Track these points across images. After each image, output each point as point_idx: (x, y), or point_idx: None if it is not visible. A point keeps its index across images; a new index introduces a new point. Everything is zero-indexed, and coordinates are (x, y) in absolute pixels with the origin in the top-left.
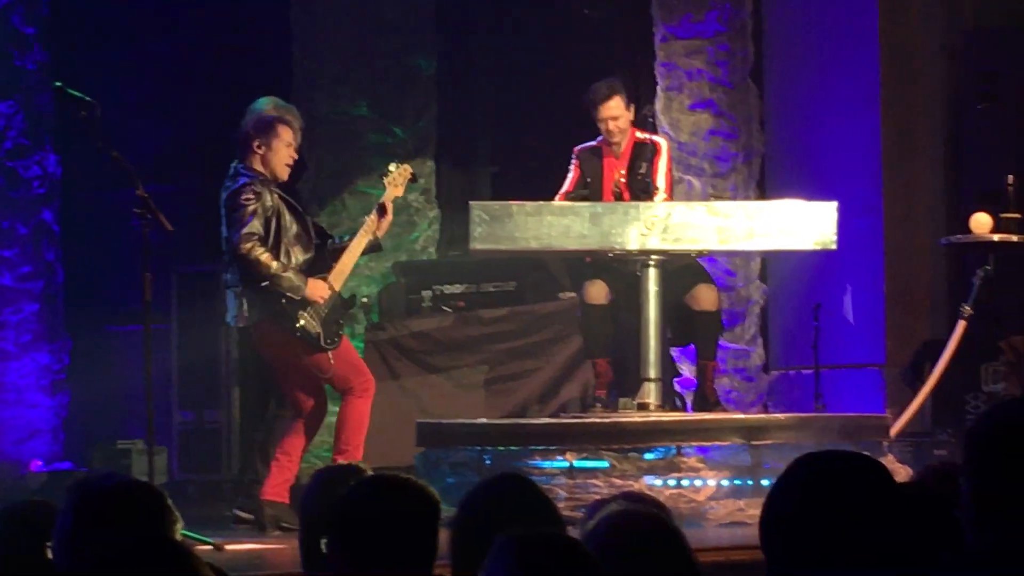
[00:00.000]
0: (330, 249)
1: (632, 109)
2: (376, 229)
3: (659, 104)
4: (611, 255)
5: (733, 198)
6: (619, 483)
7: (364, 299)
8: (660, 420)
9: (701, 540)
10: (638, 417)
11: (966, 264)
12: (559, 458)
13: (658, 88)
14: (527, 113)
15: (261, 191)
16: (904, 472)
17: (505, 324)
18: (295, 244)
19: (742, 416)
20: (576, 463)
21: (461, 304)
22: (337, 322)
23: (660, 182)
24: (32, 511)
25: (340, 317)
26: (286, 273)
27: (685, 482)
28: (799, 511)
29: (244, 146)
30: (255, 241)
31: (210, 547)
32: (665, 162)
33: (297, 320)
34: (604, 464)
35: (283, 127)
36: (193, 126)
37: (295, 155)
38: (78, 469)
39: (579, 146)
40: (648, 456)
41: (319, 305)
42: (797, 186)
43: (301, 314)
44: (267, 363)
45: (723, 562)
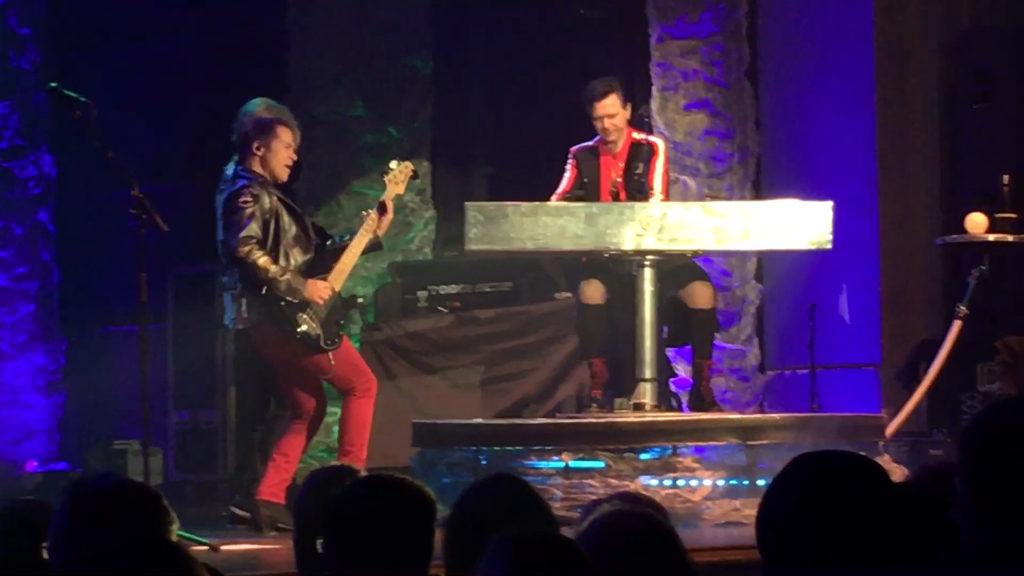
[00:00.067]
0: (330, 249)
1: (628, 108)
2: (377, 228)
3: (655, 104)
4: (607, 255)
5: (729, 198)
6: (615, 483)
7: (360, 299)
8: (656, 420)
9: (697, 540)
10: (634, 417)
11: (962, 264)
12: (555, 458)
13: (653, 88)
14: (523, 113)
15: (259, 193)
16: (900, 472)
17: (501, 324)
18: (294, 246)
19: (738, 416)
20: (572, 463)
21: (457, 304)
22: (337, 323)
23: (656, 184)
24: (28, 511)
25: (340, 317)
26: (284, 276)
27: (681, 482)
28: (795, 511)
29: (243, 148)
30: (253, 244)
31: (206, 548)
32: (662, 163)
33: (297, 324)
34: (600, 464)
35: (282, 128)
36: (189, 127)
37: (294, 156)
38: (74, 469)
39: (575, 146)
40: (644, 456)
41: (319, 306)
42: (793, 186)
43: (301, 316)
44: (267, 364)
45: (719, 562)
